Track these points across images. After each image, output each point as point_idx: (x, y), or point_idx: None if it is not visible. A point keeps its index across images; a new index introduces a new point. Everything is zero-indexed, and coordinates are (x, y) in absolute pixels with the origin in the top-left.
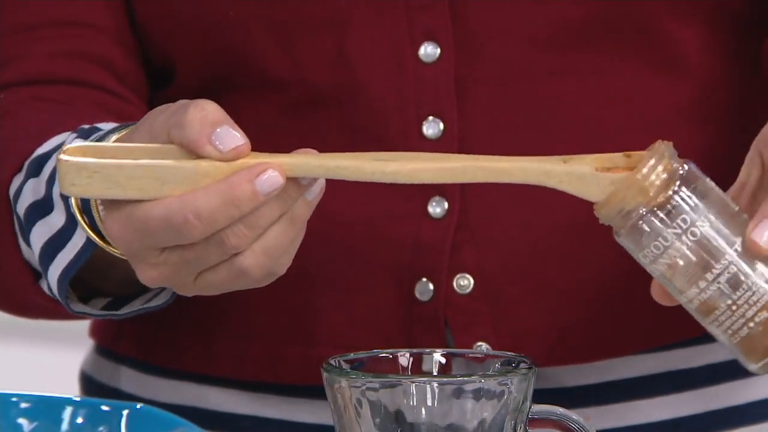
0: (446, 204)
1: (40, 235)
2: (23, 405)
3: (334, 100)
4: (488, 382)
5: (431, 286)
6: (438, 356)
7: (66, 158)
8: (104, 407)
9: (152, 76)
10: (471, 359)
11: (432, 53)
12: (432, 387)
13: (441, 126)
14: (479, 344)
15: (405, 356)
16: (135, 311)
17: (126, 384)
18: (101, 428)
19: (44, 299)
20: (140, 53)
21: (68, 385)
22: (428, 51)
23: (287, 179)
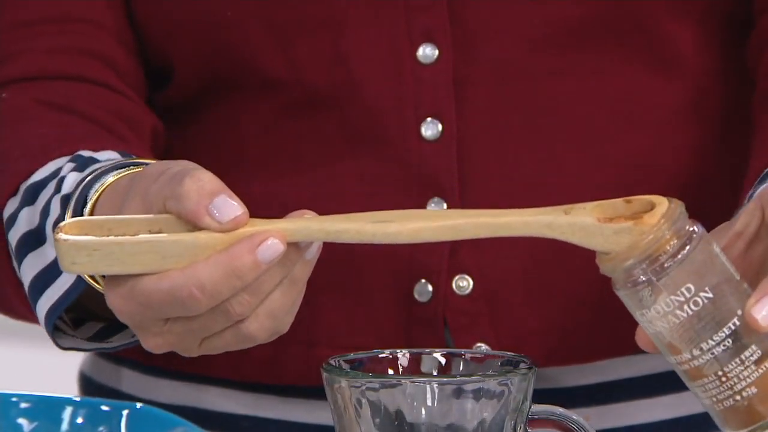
0: (445, 205)
1: (32, 267)
2: (23, 405)
3: (333, 101)
4: (488, 382)
5: (430, 287)
6: (438, 356)
7: (65, 238)
8: (104, 407)
9: (151, 77)
10: (471, 359)
11: (430, 54)
12: (432, 387)
13: (439, 127)
14: (479, 345)
15: (405, 356)
16: (125, 345)
17: (126, 384)
18: (101, 428)
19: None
20: (140, 53)
21: (68, 386)
22: (427, 52)
23: (287, 244)
